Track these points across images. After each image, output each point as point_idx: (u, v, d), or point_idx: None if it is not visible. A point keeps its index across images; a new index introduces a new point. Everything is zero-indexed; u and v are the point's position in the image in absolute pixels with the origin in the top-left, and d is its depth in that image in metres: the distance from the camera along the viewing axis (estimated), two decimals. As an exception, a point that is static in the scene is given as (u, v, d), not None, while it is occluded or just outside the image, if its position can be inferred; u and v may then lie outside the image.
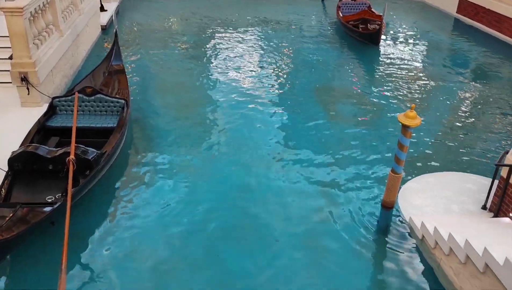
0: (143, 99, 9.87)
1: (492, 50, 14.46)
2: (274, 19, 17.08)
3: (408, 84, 11.47)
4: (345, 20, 14.87)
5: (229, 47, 13.70)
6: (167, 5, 18.25)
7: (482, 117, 9.84)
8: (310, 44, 14.34)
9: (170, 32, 15.34)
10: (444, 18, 18.05)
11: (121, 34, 13.51)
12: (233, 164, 7.58)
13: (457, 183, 7.11)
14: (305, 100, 10.39)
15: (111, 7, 15.39)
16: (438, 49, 14.67)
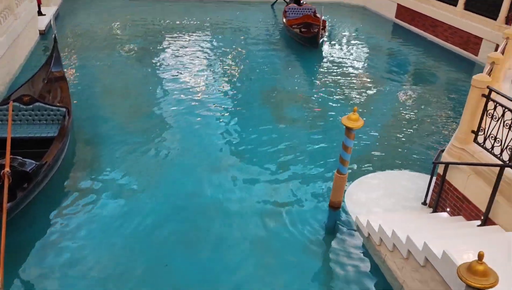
0: (87, 106, 9.54)
1: (428, 53, 15.24)
2: (223, 24, 17.10)
3: (351, 86, 11.84)
4: (289, 24, 15.16)
5: (176, 51, 13.55)
6: (110, 9, 17.76)
7: (422, 117, 10.32)
8: (258, 48, 14.47)
9: (115, 36, 14.95)
10: (384, 22, 18.82)
11: (62, 39, 13.01)
12: (180, 173, 7.48)
13: (400, 181, 7.42)
14: (253, 104, 10.46)
15: (50, 11, 14.77)
16: (379, 52, 15.29)
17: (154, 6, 18.61)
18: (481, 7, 14.27)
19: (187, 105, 9.99)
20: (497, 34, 12.92)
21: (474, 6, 14.55)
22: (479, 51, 14.05)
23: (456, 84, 12.51)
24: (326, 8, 19.02)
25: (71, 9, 17.02)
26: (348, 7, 20.90)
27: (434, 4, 16.28)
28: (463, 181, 5.70)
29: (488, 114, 5.50)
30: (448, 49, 15.40)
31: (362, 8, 20.85)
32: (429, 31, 16.56)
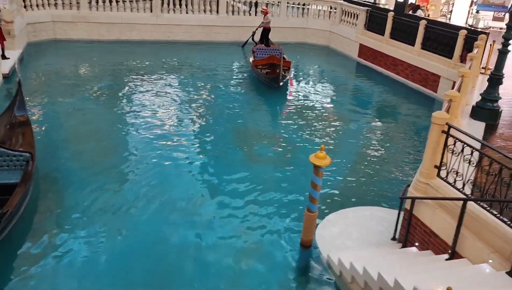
0: (52, 150, 9.32)
1: (391, 90, 15.84)
2: (191, 64, 17.32)
3: (318, 124, 12.09)
4: (254, 64, 15.50)
5: (144, 92, 13.55)
6: (77, 51, 17.72)
7: (388, 153, 10.59)
8: (226, 89, 14.67)
9: (81, 78, 14.86)
10: (347, 61, 19.52)
11: (26, 82, 12.82)
12: (149, 213, 7.34)
13: (369, 217, 7.50)
14: (222, 143, 10.49)
15: (14, 55, 14.59)
16: (344, 90, 15.77)
17: (122, 48, 18.69)
18: (437, 47, 15.07)
19: (156, 146, 9.91)
20: (453, 72, 13.59)
21: (430, 46, 15.35)
22: (438, 88, 14.71)
23: (418, 120, 12.97)
24: (292, 48, 19.73)
25: (37, 52, 16.87)
26: (313, 47, 21.59)
27: (393, 44, 17.07)
28: (429, 215, 5.82)
29: (448, 149, 5.70)
30: (410, 87, 16.04)
31: (326, 47, 21.59)
32: (390, 70, 17.26)
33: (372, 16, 18.67)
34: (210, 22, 20.63)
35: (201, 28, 20.54)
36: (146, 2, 19.87)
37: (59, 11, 18.62)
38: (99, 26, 19.20)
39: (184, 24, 20.26)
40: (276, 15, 21.50)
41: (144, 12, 19.80)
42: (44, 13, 18.25)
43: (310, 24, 21.93)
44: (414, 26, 15.99)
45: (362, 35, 19.00)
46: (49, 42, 18.22)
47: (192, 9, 20.37)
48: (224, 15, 20.80)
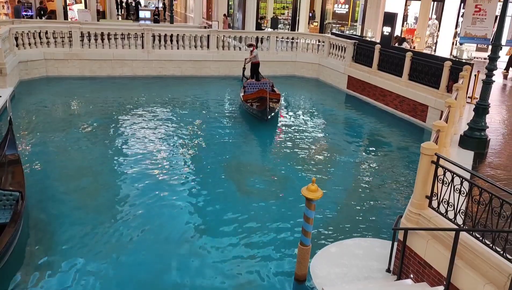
0: (42, 189, 9.22)
1: (381, 121, 16.04)
2: (183, 99, 17.46)
3: (309, 156, 12.15)
4: (244, 99, 15.64)
5: (135, 128, 13.58)
6: (69, 88, 17.82)
7: (379, 183, 10.62)
8: (217, 123, 14.76)
9: (73, 115, 14.90)
10: (336, 93, 19.82)
11: (17, 120, 12.82)
12: (141, 251, 7.24)
13: (363, 249, 7.46)
14: (213, 177, 10.47)
15: (5, 93, 14.64)
16: (333, 121, 15.94)
17: (113, 83, 18.85)
18: (424, 78, 15.39)
19: (147, 182, 9.87)
20: (441, 101, 13.84)
21: (417, 77, 15.67)
22: (427, 118, 14.93)
23: (408, 150, 13.09)
24: (282, 81, 20.02)
25: (28, 89, 16.93)
26: (303, 80, 21.94)
27: (381, 76, 17.41)
28: (423, 246, 5.81)
29: (439, 179, 5.75)
30: (399, 117, 16.26)
31: (316, 80, 21.94)
32: (379, 100, 17.53)
33: (360, 48, 19.12)
34: (201, 57, 20.96)
35: (192, 63, 20.84)
36: (137, 39, 20.18)
37: (51, 49, 18.83)
38: (91, 63, 19.40)
39: (175, 59, 20.56)
40: (265, 49, 21.94)
41: (135, 48, 20.08)
42: (36, 51, 18.44)
43: (299, 57, 22.36)
44: (400, 57, 16.37)
45: (350, 67, 19.39)
46: (41, 80, 18.32)
47: (183, 45, 20.71)
48: (214, 50, 21.16)
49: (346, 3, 28.40)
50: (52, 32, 18.89)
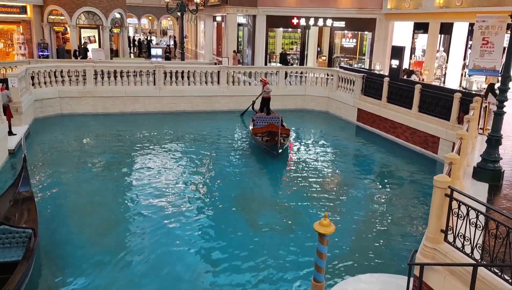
0: (55, 225, 9.27)
1: (392, 153, 15.97)
2: (194, 134, 17.62)
3: (320, 190, 12.07)
4: (254, 132, 15.73)
5: (147, 164, 13.69)
6: (82, 125, 18.14)
7: (393, 217, 10.48)
8: (227, 156, 14.83)
9: (85, 151, 15.09)
10: (347, 125, 19.86)
11: (31, 157, 13.02)
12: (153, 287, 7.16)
13: (378, 284, 7.27)
14: (224, 212, 10.43)
15: (20, 131, 14.94)
16: (344, 154, 15.90)
17: (125, 120, 19.13)
18: (434, 109, 15.37)
19: (159, 217, 9.87)
20: (452, 133, 13.77)
21: (427, 109, 15.67)
22: (438, 149, 14.84)
23: (421, 183, 12.95)
24: (291, 114, 20.17)
25: (43, 127, 17.28)
26: (312, 113, 22.07)
27: (391, 108, 17.46)
28: (440, 282, 5.66)
29: (453, 213, 5.66)
30: (410, 149, 16.18)
31: (325, 113, 22.05)
32: (390, 132, 17.51)
33: (368, 81, 19.28)
34: (212, 92, 21.28)
35: (203, 99, 21.14)
36: (149, 76, 20.62)
37: (66, 87, 19.30)
38: (104, 100, 19.79)
39: (186, 95, 20.88)
40: (275, 83, 22.22)
41: (147, 85, 20.49)
42: (51, 89, 18.91)
43: (309, 91, 22.59)
44: (410, 90, 16.45)
45: (360, 100, 19.50)
46: (55, 117, 18.70)
47: (194, 81, 21.09)
48: (225, 86, 21.49)
49: (353, 37, 28.86)
50: (67, 71, 19.42)
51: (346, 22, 27.81)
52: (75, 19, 26.81)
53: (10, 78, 15.65)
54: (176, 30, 52.09)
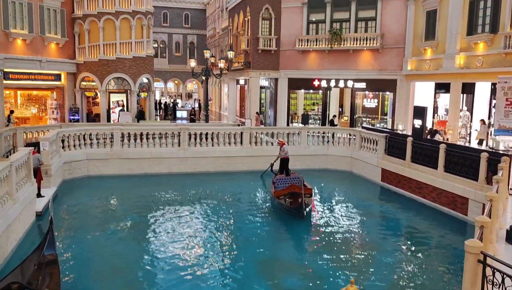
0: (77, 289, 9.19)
1: (419, 215, 15.53)
2: (216, 195, 17.66)
3: (344, 254, 11.72)
4: (276, 195, 15.56)
5: (170, 225, 13.68)
6: (108, 186, 18.47)
7: (422, 284, 10.00)
8: (249, 219, 14.69)
9: (110, 213, 15.22)
10: (371, 186, 19.58)
11: (57, 219, 13.18)
12: None
13: None
14: (249, 276, 10.18)
15: (49, 193, 15.28)
16: (369, 216, 15.52)
17: (150, 181, 19.37)
18: (461, 169, 15.05)
19: (182, 280, 9.71)
20: (481, 194, 13.38)
21: (453, 169, 15.36)
22: (468, 211, 14.36)
23: (451, 246, 12.45)
24: (314, 174, 20.07)
25: (70, 189, 17.64)
26: (335, 173, 21.92)
27: (416, 168, 17.22)
28: None
29: (488, 280, 5.39)
30: (438, 210, 15.72)
31: (349, 173, 21.88)
32: (416, 193, 17.14)
33: (391, 141, 19.22)
34: (234, 153, 21.52)
35: (225, 159, 21.37)
36: (174, 137, 21.11)
37: (94, 150, 19.88)
38: (129, 162, 20.22)
39: (210, 156, 21.17)
40: (297, 143, 22.38)
41: (172, 146, 20.92)
42: (80, 152, 19.51)
43: (331, 151, 22.60)
44: (434, 149, 16.26)
45: (383, 160, 19.35)
46: (82, 179, 19.12)
47: (217, 142, 21.45)
48: (247, 146, 21.74)
49: (375, 97, 29.18)
50: (95, 134, 20.09)
51: (367, 83, 28.27)
52: (105, 85, 28.10)
53: (42, 141, 16.27)
54: (201, 93, 53.87)
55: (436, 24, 23.39)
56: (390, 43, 27.01)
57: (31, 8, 24.76)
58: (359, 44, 27.72)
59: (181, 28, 56.32)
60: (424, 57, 24.38)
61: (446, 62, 22.20)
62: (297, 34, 29.73)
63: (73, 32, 28.24)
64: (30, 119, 26.77)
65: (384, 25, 27.15)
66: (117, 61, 28.21)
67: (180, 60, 56.25)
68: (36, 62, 25.33)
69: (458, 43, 21.64)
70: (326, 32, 28.79)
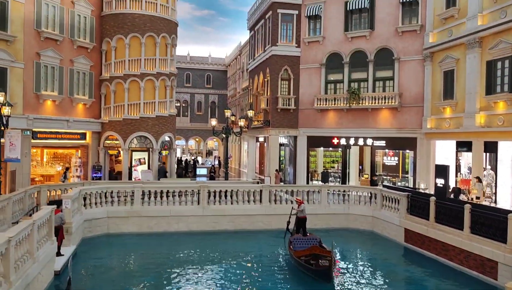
0: None
1: (445, 279, 14.85)
2: (236, 255, 17.37)
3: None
4: (296, 255, 15.20)
5: (190, 286, 13.40)
6: (127, 245, 18.41)
7: None
8: (272, 280, 14.31)
9: (128, 273, 15.05)
10: (394, 247, 18.99)
11: (76, 279, 13.07)
12: None
13: None
14: None
15: (68, 251, 15.28)
16: (394, 280, 14.93)
17: (169, 239, 19.26)
18: (488, 231, 14.51)
19: None
20: (511, 257, 12.81)
21: (480, 230, 14.83)
22: (498, 275, 13.69)
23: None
24: (335, 234, 19.64)
25: (89, 247, 17.63)
26: (357, 232, 21.41)
27: (440, 229, 16.70)
28: None
29: None
30: (465, 274, 15.03)
31: (370, 232, 21.34)
32: (442, 255, 16.52)
33: (414, 200, 18.84)
34: (254, 211, 21.37)
35: (245, 217, 21.19)
36: (194, 195, 21.17)
37: (115, 208, 20.03)
38: (149, 220, 20.24)
39: (229, 214, 21.05)
40: (317, 202, 22.13)
41: (191, 204, 20.93)
42: (101, 210, 19.68)
43: (352, 209, 22.24)
44: (459, 210, 15.83)
45: (406, 220, 18.89)
46: (102, 237, 19.14)
47: (237, 200, 21.40)
48: (267, 204, 21.60)
49: (395, 155, 28.99)
50: (116, 191, 20.33)
51: (387, 141, 28.24)
52: (128, 143, 28.81)
53: (64, 199, 16.52)
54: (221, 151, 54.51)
55: (454, 83, 23.59)
56: (408, 102, 27.22)
57: (62, 71, 26.14)
58: (377, 103, 28.03)
59: (203, 88, 58.27)
60: (444, 115, 24.39)
61: (466, 120, 22.14)
62: (315, 93, 30.33)
63: (99, 93, 29.47)
64: (54, 176, 27.39)
65: (402, 84, 27.52)
66: (140, 120, 29.10)
67: (201, 118, 57.72)
68: (63, 122, 26.35)
69: (478, 102, 21.66)
70: (344, 91, 29.31)
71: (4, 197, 17.36)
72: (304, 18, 30.88)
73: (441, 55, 24.65)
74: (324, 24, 30.28)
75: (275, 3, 30.99)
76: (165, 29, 30.13)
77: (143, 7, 29.18)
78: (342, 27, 29.54)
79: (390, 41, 27.90)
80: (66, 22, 26.54)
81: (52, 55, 25.38)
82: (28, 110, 23.93)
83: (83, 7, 27.84)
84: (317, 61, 30.46)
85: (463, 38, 22.42)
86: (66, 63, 26.50)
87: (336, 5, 29.77)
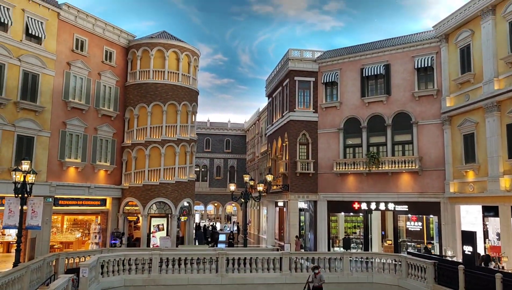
0: None
1: None
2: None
3: None
4: None
5: None
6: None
7: None
8: None
9: None
10: (423, 319, 17.89)
11: None
12: None
13: None
14: None
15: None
16: None
17: None
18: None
19: None
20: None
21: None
22: None
23: None
24: None
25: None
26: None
27: None
28: None
29: None
30: None
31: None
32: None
33: (441, 269, 17.99)
34: (274, 280, 20.65)
35: (265, 286, 20.46)
36: (212, 263, 20.69)
37: (132, 276, 19.64)
38: (166, 288, 19.70)
39: (248, 283, 20.38)
40: (339, 270, 21.33)
41: (209, 272, 20.39)
42: (118, 278, 19.31)
43: (376, 278, 21.29)
44: (489, 279, 15.01)
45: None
46: (118, 307, 18.64)
47: (256, 268, 20.79)
48: (287, 272, 20.90)
49: (418, 220, 28.18)
50: (134, 259, 20.05)
51: (409, 205, 27.61)
52: (147, 209, 28.86)
53: (82, 268, 16.30)
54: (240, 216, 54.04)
55: (475, 147, 23.35)
56: (429, 166, 26.90)
57: (86, 139, 26.97)
58: (397, 167, 27.75)
59: (222, 153, 58.99)
60: (467, 179, 23.91)
61: (491, 184, 21.62)
62: (334, 157, 30.34)
63: (121, 159, 30.06)
64: (73, 243, 27.33)
65: (422, 148, 27.36)
66: (160, 186, 29.33)
67: (220, 183, 57.86)
68: (85, 189, 26.74)
69: (501, 166, 21.27)
70: (363, 155, 29.25)
71: (22, 265, 17.25)
72: (321, 84, 31.66)
73: (460, 119, 24.66)
74: (341, 90, 30.93)
75: (292, 71, 32.00)
76: (186, 98, 31.17)
77: (166, 76, 30.47)
78: (358, 93, 30.09)
79: (407, 105, 28.17)
80: (92, 92, 27.79)
81: (77, 123, 26.34)
82: (52, 177, 24.45)
83: (109, 78, 29.22)
84: (334, 126, 30.78)
85: (481, 102, 22.51)
86: (90, 131, 27.39)
87: (352, 72, 30.55)
